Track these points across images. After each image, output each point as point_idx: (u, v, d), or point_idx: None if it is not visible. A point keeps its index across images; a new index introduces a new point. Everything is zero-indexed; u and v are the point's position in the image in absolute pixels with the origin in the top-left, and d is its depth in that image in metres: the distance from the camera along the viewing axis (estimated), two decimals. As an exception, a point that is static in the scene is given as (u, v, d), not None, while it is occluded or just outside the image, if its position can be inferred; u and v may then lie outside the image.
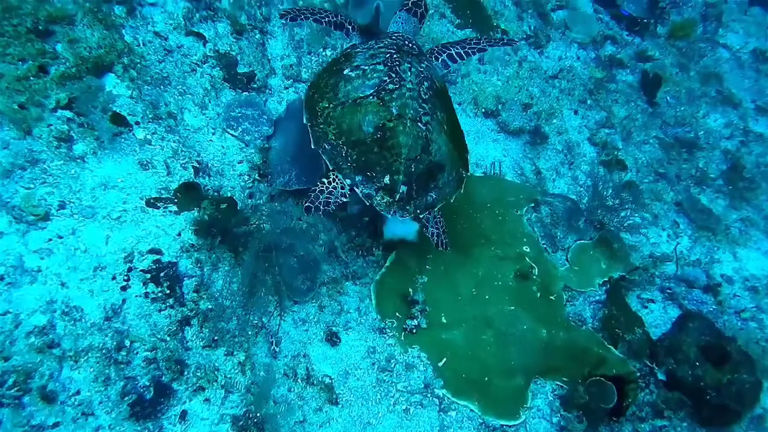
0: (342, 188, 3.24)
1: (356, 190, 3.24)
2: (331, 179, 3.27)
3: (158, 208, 3.58)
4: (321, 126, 3.28)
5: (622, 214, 4.93)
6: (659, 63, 6.60)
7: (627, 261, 4.80)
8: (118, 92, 3.78)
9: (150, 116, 3.83)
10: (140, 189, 3.58)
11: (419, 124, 3.23)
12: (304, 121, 3.45)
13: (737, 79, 6.90)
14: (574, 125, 5.84)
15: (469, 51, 4.18)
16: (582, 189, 5.26)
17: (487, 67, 5.75)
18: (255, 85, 4.49)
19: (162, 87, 4.03)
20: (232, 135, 4.20)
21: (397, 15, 4.06)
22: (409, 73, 3.36)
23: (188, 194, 3.67)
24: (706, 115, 6.44)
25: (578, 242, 4.78)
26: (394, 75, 3.31)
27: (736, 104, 6.60)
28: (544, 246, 4.71)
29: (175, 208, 3.62)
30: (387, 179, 3.18)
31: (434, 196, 3.38)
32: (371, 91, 3.25)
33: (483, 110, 5.53)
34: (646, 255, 5.15)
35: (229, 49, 4.45)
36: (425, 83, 3.39)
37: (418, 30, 4.17)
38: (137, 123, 3.76)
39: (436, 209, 3.51)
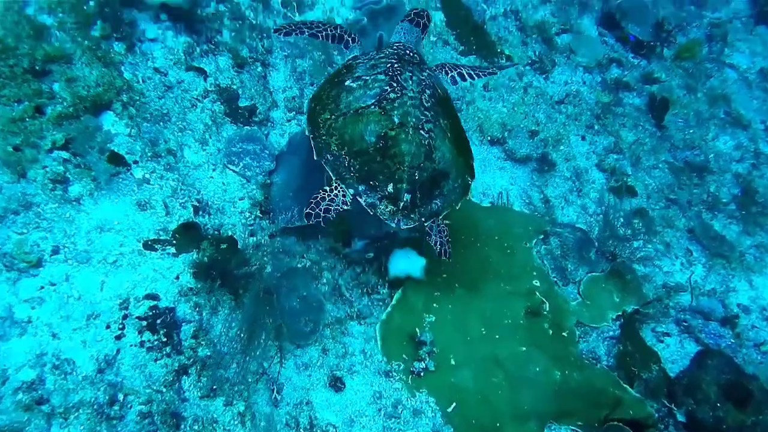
0: (343, 196, 3.20)
1: (359, 199, 3.19)
2: (333, 187, 3.23)
3: (156, 250, 3.46)
4: (323, 137, 3.24)
5: (635, 245, 4.79)
6: (666, 85, 6.51)
7: (640, 293, 4.64)
8: (117, 130, 3.70)
9: (149, 154, 3.74)
10: (138, 231, 3.47)
11: (422, 131, 3.20)
12: (306, 133, 3.39)
13: (745, 100, 6.78)
14: (581, 151, 5.72)
15: (480, 74, 4.15)
16: (592, 219, 5.13)
17: (492, 94, 5.67)
18: (257, 119, 4.41)
19: (162, 124, 3.94)
20: (233, 171, 4.11)
21: (399, 26, 4.01)
22: (410, 82, 3.33)
23: (187, 235, 3.57)
24: (716, 137, 6.31)
25: (590, 275, 4.63)
26: (395, 84, 3.28)
27: (746, 126, 6.48)
28: (555, 279, 4.56)
29: (173, 249, 3.51)
30: (390, 188, 3.14)
31: (439, 204, 3.33)
32: (372, 100, 3.23)
33: (489, 138, 5.43)
34: (659, 285, 4.99)
35: (230, 83, 4.38)
36: (427, 91, 3.37)
37: (420, 40, 4.13)
38: (136, 162, 3.67)
39: (440, 217, 3.44)
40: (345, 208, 3.21)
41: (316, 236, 4.16)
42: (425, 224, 3.37)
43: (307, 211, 3.18)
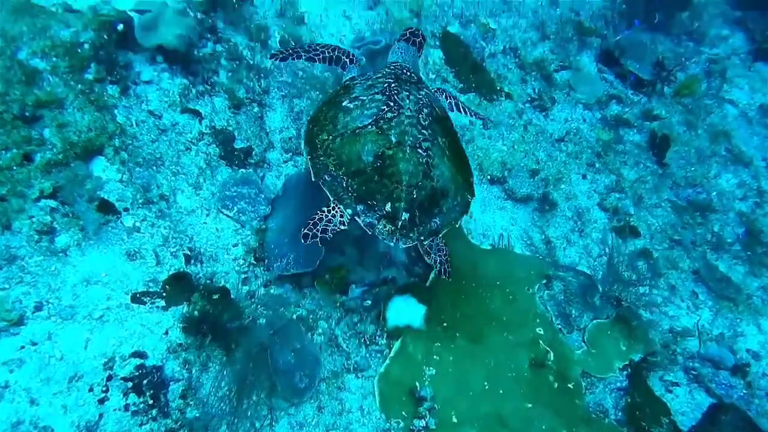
0: (341, 216, 3.16)
1: (358, 219, 3.14)
2: (330, 207, 3.19)
3: (144, 303, 3.32)
4: (321, 158, 3.22)
5: (641, 290, 4.66)
6: (666, 122, 6.47)
7: (647, 341, 4.49)
8: (108, 176, 3.59)
9: (140, 201, 3.62)
10: (126, 283, 3.33)
11: (419, 150, 3.17)
12: (304, 155, 3.35)
13: (746, 137, 6.75)
14: (583, 190, 5.64)
15: (474, 115, 4.15)
16: (596, 262, 5.01)
17: (491, 132, 5.61)
18: (252, 161, 4.31)
19: (154, 168, 3.84)
20: (227, 216, 3.99)
21: (396, 45, 4.01)
22: (407, 101, 3.32)
23: (177, 286, 3.43)
24: (718, 175, 6.25)
25: (595, 321, 4.49)
26: (392, 103, 3.27)
27: (747, 163, 6.42)
28: (559, 326, 4.42)
29: (162, 302, 3.37)
30: (388, 207, 3.10)
31: (438, 222, 3.28)
32: (369, 120, 3.21)
33: (489, 177, 5.34)
34: (666, 330, 4.85)
35: (226, 124, 4.29)
36: (425, 110, 3.35)
37: (417, 59, 4.13)
38: (126, 209, 3.55)
39: (440, 236, 3.38)
40: (342, 228, 3.16)
41: (312, 283, 4.02)
42: (424, 243, 3.30)
43: (305, 231, 3.13)
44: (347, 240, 4.36)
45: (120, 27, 3.88)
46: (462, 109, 4.09)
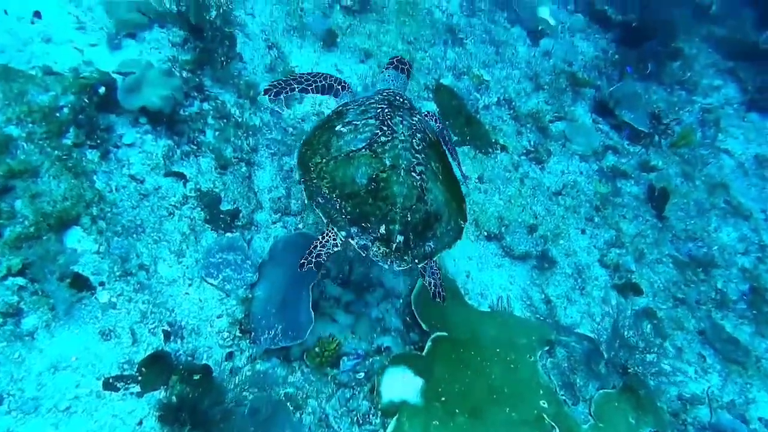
0: (334, 239, 3.13)
1: (352, 241, 3.08)
2: (323, 234, 3.15)
3: (117, 390, 3.05)
4: (314, 181, 3.18)
5: (648, 358, 4.45)
6: (663, 173, 6.40)
7: (656, 411, 4.25)
8: (84, 247, 3.37)
9: (117, 273, 3.40)
10: (98, 366, 3.07)
11: (413, 173, 3.14)
12: (297, 178, 3.24)
13: (744, 188, 6.69)
14: (582, 245, 5.48)
15: (454, 156, 3.99)
16: (599, 325, 4.80)
17: (487, 186, 5.48)
18: (239, 223, 4.11)
19: (134, 236, 3.63)
20: (211, 284, 3.76)
21: (385, 73, 4.04)
22: (401, 126, 3.30)
23: (154, 368, 3.17)
24: (718, 228, 6.14)
25: (601, 392, 4.25)
26: (386, 128, 3.25)
27: (747, 216, 6.33)
28: (564, 398, 4.17)
29: (137, 387, 3.10)
30: (383, 229, 3.04)
31: (432, 246, 3.21)
32: (363, 144, 3.18)
33: (485, 233, 5.17)
34: (674, 396, 4.62)
35: (212, 185, 4.11)
36: (418, 135, 3.33)
37: (406, 85, 4.15)
38: (102, 284, 3.31)
39: (434, 258, 3.31)
40: (336, 249, 3.14)
41: (302, 355, 3.78)
42: (419, 266, 3.24)
43: (301, 261, 3.09)
44: (338, 305, 4.14)
45: (102, 90, 3.73)
46: (447, 142, 3.95)
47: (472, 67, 6.22)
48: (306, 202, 3.20)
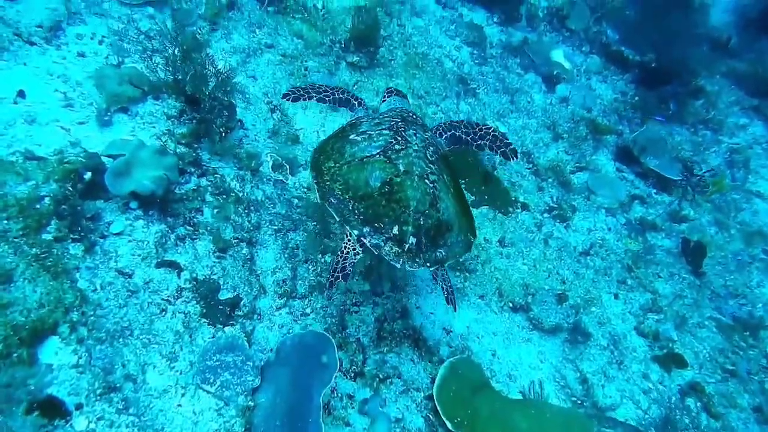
0: (353, 249, 3.20)
1: (364, 240, 3.12)
2: (343, 248, 3.20)
3: None
4: (327, 182, 3.24)
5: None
6: (696, 223, 5.95)
7: None
8: (60, 361, 2.94)
9: (99, 391, 2.96)
10: None
11: (426, 181, 3.21)
12: (310, 179, 3.31)
13: (783, 235, 6.20)
14: (616, 312, 5.01)
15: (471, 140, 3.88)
16: (642, 411, 4.29)
17: (509, 250, 5.04)
18: (240, 313, 3.69)
19: (121, 341, 3.21)
20: (207, 392, 3.31)
21: (389, 99, 4.16)
22: (414, 138, 3.40)
23: None
24: (760, 283, 5.65)
25: (654, 497, 3.72)
26: (400, 138, 3.35)
27: (790, 267, 5.83)
28: (612, 506, 3.65)
29: None
30: (396, 230, 3.09)
31: (444, 253, 3.24)
32: (377, 150, 3.27)
33: (510, 304, 4.72)
34: (734, 491, 4.07)
35: (209, 272, 3.71)
36: (431, 148, 3.45)
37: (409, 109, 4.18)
38: (79, 406, 2.87)
39: (446, 265, 3.33)
40: (358, 256, 3.20)
41: (312, 470, 3.29)
42: (430, 269, 3.25)
43: (329, 281, 3.16)
44: (352, 404, 3.68)
45: (87, 175, 3.38)
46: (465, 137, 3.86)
47: (487, 119, 5.87)
48: (318, 201, 3.28)
